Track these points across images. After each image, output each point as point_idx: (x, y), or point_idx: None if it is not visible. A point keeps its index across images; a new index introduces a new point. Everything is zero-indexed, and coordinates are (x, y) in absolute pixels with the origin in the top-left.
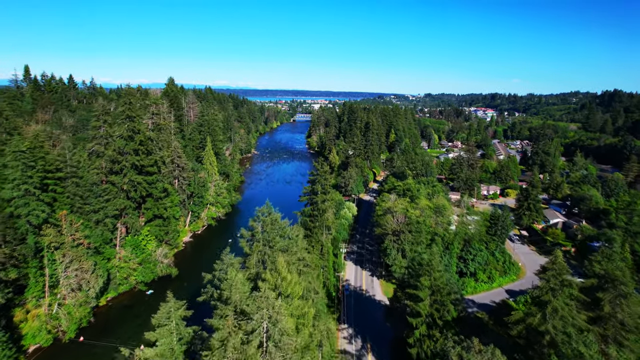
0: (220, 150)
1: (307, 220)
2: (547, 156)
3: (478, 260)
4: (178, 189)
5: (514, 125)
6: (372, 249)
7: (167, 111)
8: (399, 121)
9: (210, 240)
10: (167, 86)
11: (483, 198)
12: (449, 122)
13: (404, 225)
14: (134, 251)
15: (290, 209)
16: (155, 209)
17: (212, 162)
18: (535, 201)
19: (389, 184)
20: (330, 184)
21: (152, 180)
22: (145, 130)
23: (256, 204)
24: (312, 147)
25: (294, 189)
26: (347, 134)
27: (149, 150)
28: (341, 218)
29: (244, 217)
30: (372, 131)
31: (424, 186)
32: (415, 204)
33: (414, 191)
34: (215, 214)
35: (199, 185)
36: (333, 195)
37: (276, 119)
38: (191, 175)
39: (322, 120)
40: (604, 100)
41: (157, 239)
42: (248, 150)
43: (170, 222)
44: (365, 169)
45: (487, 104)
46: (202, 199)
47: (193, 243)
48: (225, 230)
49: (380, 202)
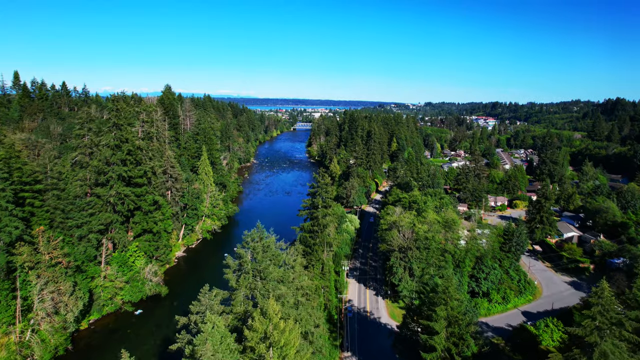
0: (217, 159)
1: (306, 237)
2: (555, 165)
3: (491, 279)
4: (171, 201)
5: (517, 133)
6: (376, 265)
7: (161, 119)
8: (401, 130)
9: (205, 255)
10: (163, 94)
11: (491, 210)
12: (451, 130)
13: (411, 242)
14: (120, 269)
15: (289, 223)
16: (144, 223)
17: (208, 172)
18: (548, 214)
19: (394, 196)
20: (332, 197)
21: (141, 193)
22: (134, 139)
23: (254, 215)
24: (313, 156)
25: (294, 200)
26: (348, 142)
27: (138, 160)
28: (343, 232)
29: (241, 229)
30: (374, 140)
31: (431, 198)
32: (423, 217)
33: (420, 204)
34: (210, 226)
35: (193, 197)
36: (335, 209)
37: (276, 128)
38: (185, 186)
39: (323, 129)
40: (607, 108)
41: (147, 255)
42: (247, 160)
43: (161, 237)
44: (368, 179)
45: (488, 112)
46: (197, 211)
47: (186, 258)
48: (221, 244)
49: (385, 215)
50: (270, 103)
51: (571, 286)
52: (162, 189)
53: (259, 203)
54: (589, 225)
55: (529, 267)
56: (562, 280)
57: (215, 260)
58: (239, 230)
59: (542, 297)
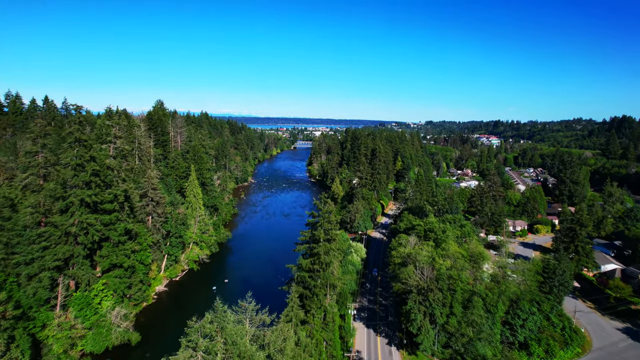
0: (208, 180)
1: (305, 277)
2: (576, 186)
3: (529, 327)
4: (151, 228)
5: (524, 152)
6: (387, 304)
7: (146, 135)
8: (405, 148)
9: (190, 289)
10: (153, 109)
11: (510, 235)
12: (456, 149)
13: (432, 281)
14: (82, 312)
15: (287, 251)
16: (113, 256)
17: (197, 195)
18: (584, 242)
19: (405, 222)
20: (336, 227)
21: (109, 220)
22: (103, 157)
23: (249, 241)
24: (313, 176)
25: (292, 224)
26: (350, 161)
27: (108, 182)
28: (347, 264)
29: (233, 257)
30: (379, 158)
31: (450, 226)
32: (443, 250)
33: (438, 233)
34: (197, 256)
35: (178, 223)
36: (340, 243)
37: (276, 146)
38: (169, 211)
39: (324, 147)
40: (613, 126)
41: (117, 294)
42: (244, 179)
43: (136, 271)
44: (373, 201)
45: (490, 131)
46: (182, 239)
47: (168, 293)
48: (209, 276)
49: (397, 246)
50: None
51: (626, 335)
52: (141, 214)
53: (254, 227)
54: (626, 254)
55: (570, 310)
56: (612, 327)
57: (201, 296)
58: (231, 258)
59: (593, 350)
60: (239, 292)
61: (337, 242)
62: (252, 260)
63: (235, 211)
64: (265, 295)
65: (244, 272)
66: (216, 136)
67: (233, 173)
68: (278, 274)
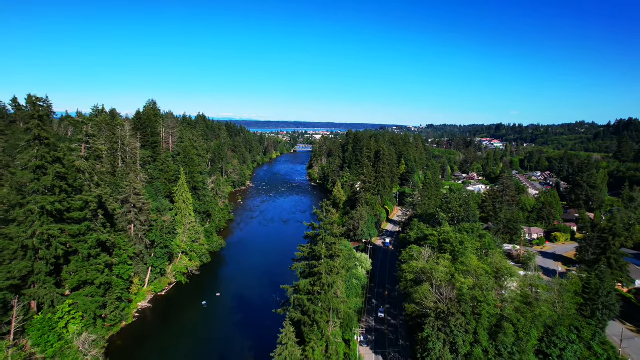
0: (200, 184)
1: (303, 300)
2: (593, 190)
3: (568, 357)
4: (133, 238)
5: (530, 155)
6: (397, 324)
7: (131, 135)
8: (409, 150)
9: (176, 305)
10: (145, 109)
11: (527, 244)
12: (459, 152)
13: (454, 304)
14: (43, 339)
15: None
16: (83, 272)
17: (187, 200)
18: (617, 254)
19: (416, 231)
20: (340, 240)
21: (78, 231)
22: (71, 157)
23: (244, 249)
24: (314, 179)
25: (292, 230)
26: (352, 164)
27: (77, 187)
28: (352, 278)
29: (228, 267)
30: (384, 161)
31: (469, 236)
32: (462, 265)
33: (455, 244)
34: (185, 268)
35: (164, 232)
36: (344, 260)
37: (276, 149)
38: (154, 218)
39: (325, 150)
40: (619, 129)
41: (89, 315)
42: (242, 183)
43: (112, 288)
44: (377, 207)
45: (492, 134)
46: (168, 249)
47: (152, 310)
48: (199, 289)
49: (408, 259)
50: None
51: None
52: (122, 222)
53: (251, 234)
54: None
55: (620, 338)
56: None
57: (189, 312)
58: (225, 269)
59: None
60: (232, 307)
61: (342, 259)
62: (247, 271)
63: (231, 217)
64: (262, 313)
65: (238, 284)
66: (213, 138)
67: (230, 177)
68: (275, 287)
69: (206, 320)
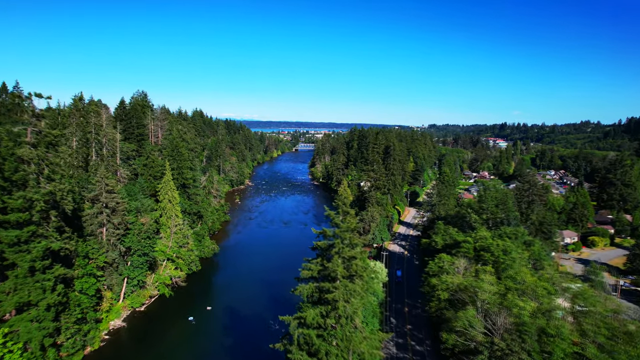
0: (189, 181)
1: (311, 337)
2: (628, 189)
3: None
4: (105, 243)
5: (542, 153)
6: (423, 351)
7: (108, 124)
8: (418, 147)
9: (158, 322)
10: (132, 99)
11: (562, 250)
12: (467, 150)
13: (514, 338)
14: None
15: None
16: (24, 292)
17: (173, 199)
18: None
19: (443, 236)
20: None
21: (17, 239)
22: (9, 142)
23: (242, 254)
24: (316, 178)
25: (293, 234)
26: (357, 162)
27: (17, 181)
28: (368, 294)
29: (220, 277)
30: (394, 157)
31: (512, 243)
32: (511, 280)
33: (497, 254)
34: (168, 278)
35: (142, 236)
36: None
37: (277, 148)
38: (132, 220)
39: (328, 148)
40: (630, 128)
41: (34, 346)
42: (241, 182)
43: (70, 309)
44: (388, 207)
45: (497, 134)
46: (148, 257)
47: (128, 329)
48: (187, 302)
49: (437, 271)
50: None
51: None
52: (92, 224)
53: (249, 237)
54: None
55: None
56: None
57: (173, 331)
58: (217, 278)
59: None
60: (225, 324)
61: (365, 279)
62: (243, 280)
63: (227, 218)
64: (260, 329)
65: (232, 296)
66: (211, 135)
67: (228, 175)
68: (276, 300)
69: (192, 340)
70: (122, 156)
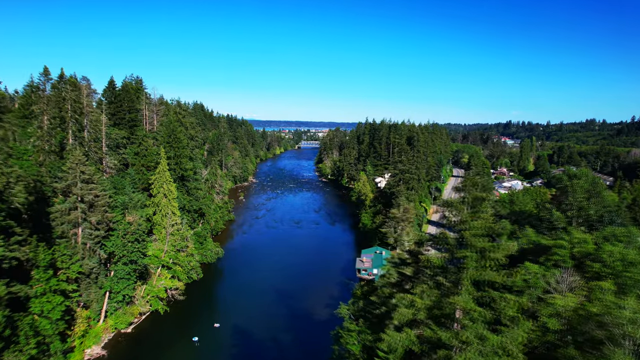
0: (188, 172)
1: None
2: None
3: None
4: (81, 248)
5: (560, 149)
6: None
7: (90, 102)
8: (435, 141)
9: (151, 346)
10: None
11: None
12: (479, 147)
13: None
14: None
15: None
16: None
17: (169, 193)
18: None
19: (517, 237)
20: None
21: None
22: None
23: (249, 259)
24: (324, 175)
25: (306, 234)
26: (369, 157)
27: None
28: None
29: (227, 286)
30: (418, 148)
31: (625, 249)
32: None
33: (616, 266)
34: (163, 289)
35: (128, 239)
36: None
37: (279, 145)
38: (117, 218)
39: (336, 143)
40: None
41: None
42: (244, 178)
43: (19, 341)
44: (416, 204)
45: (501, 132)
46: (136, 265)
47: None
48: (187, 319)
49: (524, 287)
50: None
51: None
52: (63, 223)
53: (256, 238)
54: None
55: None
56: None
57: (171, 357)
58: (223, 288)
59: None
60: (236, 345)
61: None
62: (255, 290)
63: (232, 217)
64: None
65: (243, 310)
66: (212, 128)
67: (231, 170)
68: (295, 315)
69: None
70: (111, 143)
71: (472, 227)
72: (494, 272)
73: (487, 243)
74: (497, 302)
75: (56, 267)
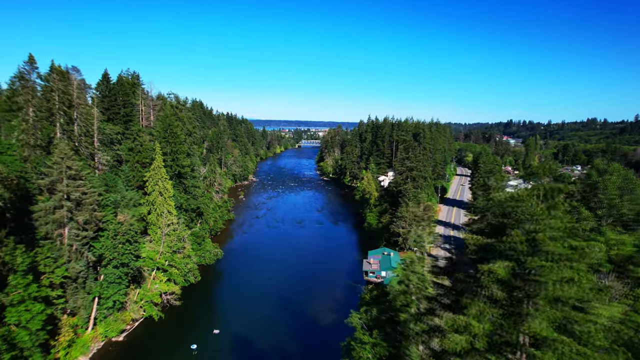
0: (186, 169)
1: None
2: None
3: None
4: (67, 250)
5: (565, 148)
6: None
7: (81, 92)
8: (438, 139)
9: (144, 356)
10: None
11: None
12: (481, 146)
13: None
14: None
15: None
16: None
17: (165, 191)
18: None
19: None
20: None
21: None
22: None
23: (250, 260)
24: (326, 173)
25: (309, 235)
26: (372, 155)
27: None
28: None
29: (226, 289)
30: (424, 145)
31: None
32: None
33: None
34: (158, 294)
35: (119, 240)
36: None
37: (280, 144)
38: (107, 218)
39: (338, 141)
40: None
41: None
42: (244, 177)
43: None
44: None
45: (502, 131)
46: (128, 268)
47: None
48: (184, 325)
49: (591, 310)
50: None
51: None
52: (47, 223)
53: (257, 239)
54: None
55: None
56: None
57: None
58: (222, 291)
59: None
60: (237, 351)
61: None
62: (256, 294)
63: (231, 216)
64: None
65: (244, 315)
66: (211, 126)
67: (230, 169)
68: (299, 319)
69: None
70: (104, 139)
71: (549, 228)
72: (577, 287)
73: (568, 249)
74: (582, 326)
75: (38, 272)
